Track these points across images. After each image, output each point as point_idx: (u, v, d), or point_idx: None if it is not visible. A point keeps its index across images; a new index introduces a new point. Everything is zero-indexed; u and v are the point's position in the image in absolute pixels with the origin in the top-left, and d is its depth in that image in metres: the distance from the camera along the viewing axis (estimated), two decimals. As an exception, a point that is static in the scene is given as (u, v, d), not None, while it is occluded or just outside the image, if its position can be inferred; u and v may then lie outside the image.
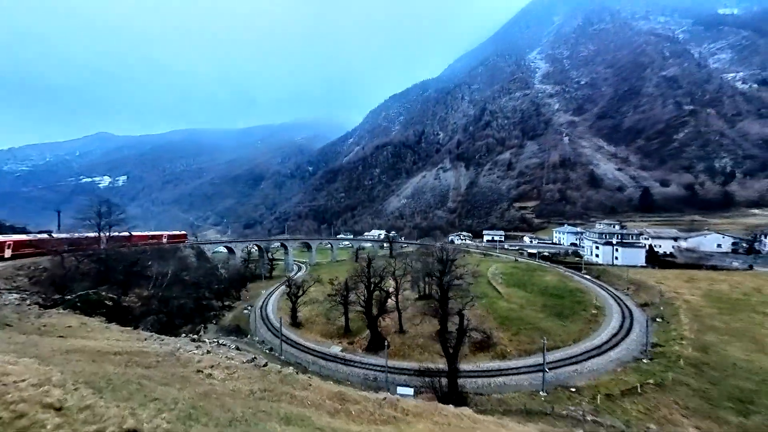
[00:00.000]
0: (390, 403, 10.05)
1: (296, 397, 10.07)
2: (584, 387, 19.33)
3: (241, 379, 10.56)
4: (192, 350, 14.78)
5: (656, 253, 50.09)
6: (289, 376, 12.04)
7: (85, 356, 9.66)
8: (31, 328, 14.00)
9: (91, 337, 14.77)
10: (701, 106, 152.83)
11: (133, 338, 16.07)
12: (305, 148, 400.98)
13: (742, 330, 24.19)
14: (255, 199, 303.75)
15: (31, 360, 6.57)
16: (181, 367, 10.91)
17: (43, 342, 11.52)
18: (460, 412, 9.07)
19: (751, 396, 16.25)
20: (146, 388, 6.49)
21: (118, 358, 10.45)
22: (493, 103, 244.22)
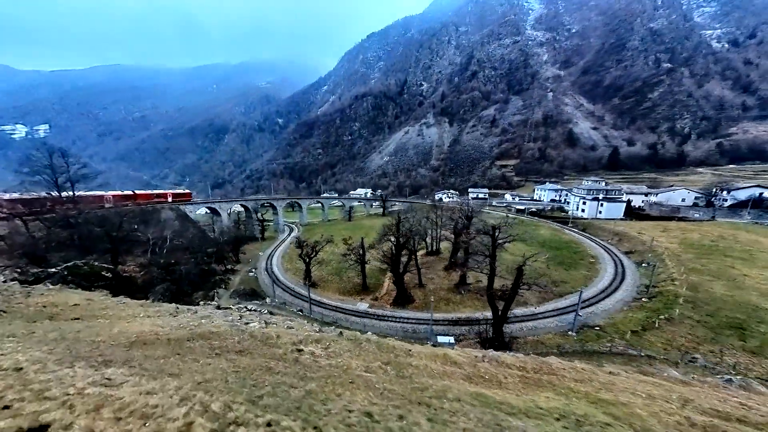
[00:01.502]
0: (537, 365, 9.51)
1: (422, 368, 9.05)
2: (605, 325, 21.65)
3: (345, 355, 9.17)
4: (248, 321, 12.90)
5: (633, 207, 55.15)
6: (383, 344, 10.94)
7: (153, 348, 7.35)
8: (30, 312, 10.81)
9: (113, 316, 11.99)
10: (678, 64, 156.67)
11: (164, 313, 13.53)
12: (272, 96, 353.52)
13: (717, 271, 28.17)
14: (220, 156, 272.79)
15: (105, 367, 4.31)
16: (269, 347, 9.09)
17: (65, 331, 8.70)
18: (591, 368, 9.09)
19: (743, 324, 19.34)
20: (281, 387, 4.72)
21: (196, 344, 8.27)
22: (481, 50, 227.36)
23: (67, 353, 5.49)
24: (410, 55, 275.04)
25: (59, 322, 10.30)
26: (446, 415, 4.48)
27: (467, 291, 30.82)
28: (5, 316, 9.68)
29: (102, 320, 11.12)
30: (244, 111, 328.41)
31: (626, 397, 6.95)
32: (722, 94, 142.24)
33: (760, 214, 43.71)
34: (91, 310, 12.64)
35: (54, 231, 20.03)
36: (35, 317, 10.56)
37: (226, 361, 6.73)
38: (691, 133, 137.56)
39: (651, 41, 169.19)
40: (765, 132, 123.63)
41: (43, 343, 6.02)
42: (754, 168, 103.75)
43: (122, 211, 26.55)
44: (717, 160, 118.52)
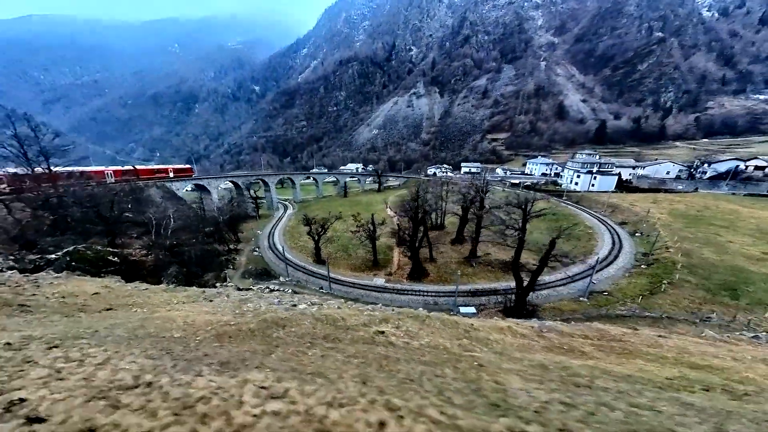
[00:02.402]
0: (595, 332, 9.67)
1: (505, 343, 8.96)
2: (613, 290, 23.23)
3: (422, 333, 8.86)
4: (294, 303, 12.22)
5: (622, 179, 57.52)
6: (445, 320, 10.78)
7: (242, 341, 6.58)
8: (55, 305, 9.48)
9: (146, 304, 10.86)
10: (669, 34, 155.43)
11: (197, 298, 12.49)
12: (245, 59, 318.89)
13: (705, 238, 30.53)
14: (192, 128, 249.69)
15: (229, 369, 3.57)
16: (345, 330, 8.59)
17: (125, 325, 7.67)
18: (644, 332, 9.50)
19: (735, 285, 21.39)
20: (435, 379, 4.26)
21: (280, 333, 7.58)
22: (474, 11, 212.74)
23: (165, 354, 4.53)
24: (398, 15, 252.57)
25: (95, 314, 9.10)
26: (638, 400, 4.21)
27: (478, 263, 31.72)
28: (35, 312, 8.35)
29: (137, 309, 10.00)
30: (215, 76, 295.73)
31: (718, 360, 7.27)
32: (705, 67, 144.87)
33: (735, 185, 47.25)
34: (116, 299, 11.35)
35: (41, 213, 17.46)
36: (66, 311, 9.26)
37: (335, 352, 6.08)
38: (672, 107, 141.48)
39: (647, 7, 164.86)
40: (738, 106, 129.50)
41: (122, 343, 4.99)
42: (726, 142, 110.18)
43: (110, 189, 23.64)
44: (694, 134, 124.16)
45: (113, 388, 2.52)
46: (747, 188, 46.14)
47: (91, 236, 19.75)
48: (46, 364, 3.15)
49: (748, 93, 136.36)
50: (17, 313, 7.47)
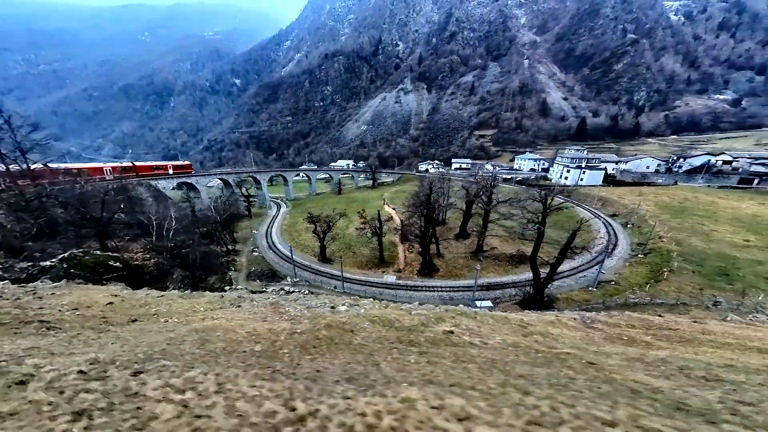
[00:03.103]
0: (640, 322, 9.80)
1: (571, 337, 8.85)
2: (618, 279, 24.28)
3: (483, 331, 8.61)
4: (333, 305, 11.57)
5: (608, 174, 60.49)
6: (496, 316, 10.60)
7: (331, 353, 6.01)
8: (74, 318, 8.29)
9: (172, 313, 9.89)
10: (641, 35, 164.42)
11: (223, 304, 11.55)
12: (223, 51, 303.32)
13: (691, 228, 32.68)
14: (168, 122, 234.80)
15: (364, 388, 3.21)
16: (413, 332, 8.16)
17: (176, 343, 6.83)
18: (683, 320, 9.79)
19: (727, 271, 23.02)
20: (576, 384, 4.02)
21: (357, 341, 7.05)
22: (460, 8, 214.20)
23: (275, 373, 3.89)
24: (384, 9, 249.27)
25: (127, 328, 8.05)
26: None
27: (485, 258, 32.13)
28: (62, 329, 7.20)
29: (166, 319, 9.00)
30: (191, 68, 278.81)
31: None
32: (673, 68, 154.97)
33: (709, 179, 51.12)
34: (134, 308, 10.22)
35: (23, 216, 15.36)
36: (93, 325, 8.13)
37: (433, 357, 5.63)
38: (644, 105, 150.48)
39: (621, 9, 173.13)
40: (701, 105, 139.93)
41: (208, 362, 4.23)
42: (692, 138, 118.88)
43: (99, 187, 21.40)
44: (664, 131, 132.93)
45: (282, 424, 2.00)
46: (720, 181, 50.06)
47: (83, 240, 17.87)
48: (160, 398, 2.43)
49: (710, 93, 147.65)
50: (43, 331, 6.33)
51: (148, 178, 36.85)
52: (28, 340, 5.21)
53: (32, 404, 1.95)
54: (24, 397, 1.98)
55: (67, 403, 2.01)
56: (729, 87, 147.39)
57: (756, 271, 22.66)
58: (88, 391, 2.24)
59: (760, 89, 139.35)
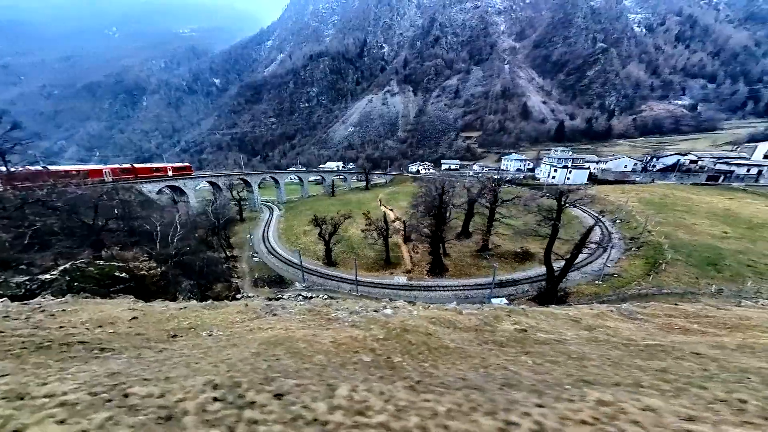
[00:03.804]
0: (671, 311, 10.26)
1: (622, 329, 9.07)
2: (620, 272, 25.61)
3: (543, 327, 8.63)
4: (376, 309, 11.18)
5: (591, 173, 64.14)
6: (546, 312, 10.73)
7: (449, 358, 5.72)
8: (116, 338, 7.36)
9: (208, 326, 9.11)
10: (610, 44, 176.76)
11: (259, 313, 10.85)
12: (200, 49, 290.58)
13: (675, 222, 35.26)
14: (141, 123, 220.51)
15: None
16: (480, 333, 8.00)
17: (323, 365, 6.18)
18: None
19: (714, 261, 24.99)
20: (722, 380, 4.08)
21: (471, 347, 6.75)
22: (443, 13, 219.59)
23: (416, 382, 3.60)
24: (368, 11, 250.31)
25: (172, 343, 7.29)
26: None
27: (491, 256, 32.78)
28: (113, 349, 6.33)
29: (210, 333, 8.31)
30: (165, 66, 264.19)
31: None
32: (638, 75, 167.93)
33: (681, 176, 55.71)
34: (161, 323, 9.35)
35: (11, 224, 13.50)
36: (137, 344, 7.27)
37: (538, 357, 5.51)
38: (615, 109, 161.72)
39: (591, 20, 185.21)
40: (663, 110, 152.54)
41: (318, 374, 3.86)
42: (657, 140, 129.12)
43: (88, 192, 19.40)
44: (632, 133, 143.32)
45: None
46: (690, 178, 54.70)
47: (75, 249, 16.16)
48: (350, 423, 2.08)
49: (671, 99, 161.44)
50: (96, 353, 5.58)
51: (147, 181, 35.21)
52: (96, 365, 4.46)
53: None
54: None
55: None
56: (686, 94, 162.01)
57: (739, 260, 24.80)
58: (268, 423, 1.74)
59: (712, 96, 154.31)
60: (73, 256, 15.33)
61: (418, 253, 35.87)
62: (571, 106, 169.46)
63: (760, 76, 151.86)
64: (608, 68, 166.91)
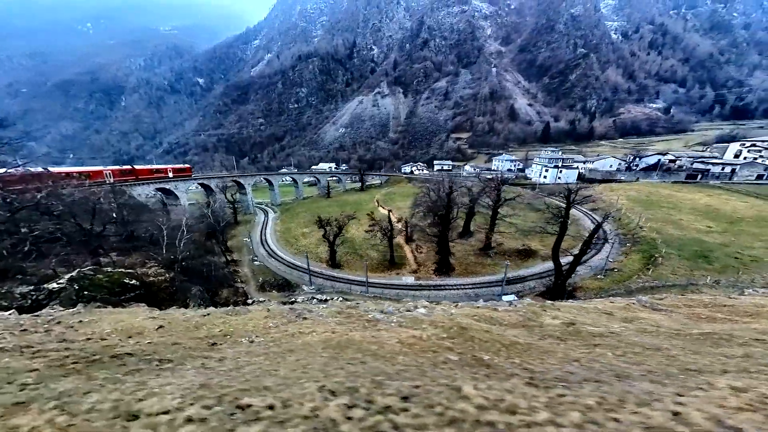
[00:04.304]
0: (692, 301, 10.77)
1: (658, 320, 9.38)
2: (620, 267, 26.68)
3: (586, 321, 8.84)
4: (408, 309, 11.10)
5: (580, 173, 66.76)
6: (576, 306, 10.96)
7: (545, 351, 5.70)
8: (149, 349, 6.85)
9: (246, 333, 8.77)
10: (590, 50, 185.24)
11: (288, 317, 10.54)
12: (183, 48, 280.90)
13: (663, 218, 37.18)
14: (119, 124, 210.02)
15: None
16: (534, 330, 8.10)
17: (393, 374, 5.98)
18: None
19: (704, 254, 26.52)
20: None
21: (544, 343, 6.76)
22: (431, 17, 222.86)
23: (539, 380, 3.59)
24: (357, 13, 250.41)
25: (218, 352, 6.92)
26: None
27: (494, 254, 33.35)
28: (169, 360, 5.89)
29: (252, 339, 7.97)
30: (145, 65, 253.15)
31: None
32: (616, 79, 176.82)
33: (663, 175, 59.06)
34: (189, 331, 8.91)
35: (9, 229, 12.35)
36: (183, 354, 6.83)
37: (639, 351, 5.59)
38: (596, 112, 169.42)
39: (572, 26, 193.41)
40: (640, 113, 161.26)
41: (409, 378, 3.79)
42: (635, 141, 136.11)
43: (85, 194, 18.10)
44: (612, 135, 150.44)
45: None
46: (671, 177, 58.07)
47: (71, 256, 15.11)
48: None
49: (646, 102, 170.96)
50: (156, 365, 5.23)
51: (148, 182, 34.00)
52: (171, 377, 4.17)
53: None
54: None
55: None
56: (660, 97, 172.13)
57: (726, 253, 26.46)
58: (428, 427, 1.58)
59: (683, 100, 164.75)
60: (70, 263, 14.34)
61: (422, 253, 35.99)
62: (555, 108, 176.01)
63: (724, 82, 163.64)
64: (589, 72, 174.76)
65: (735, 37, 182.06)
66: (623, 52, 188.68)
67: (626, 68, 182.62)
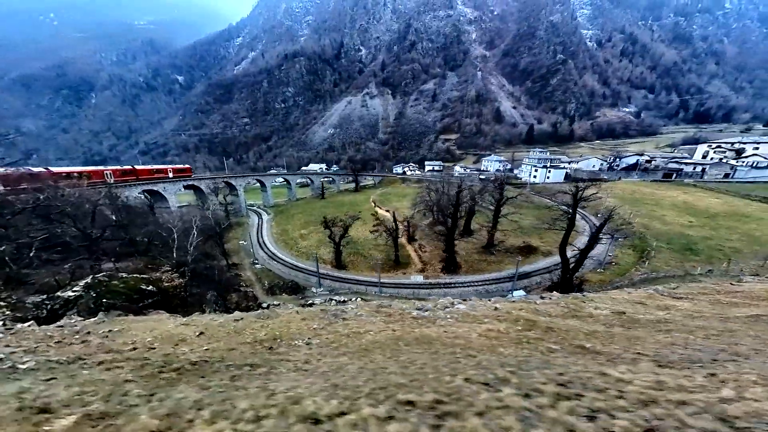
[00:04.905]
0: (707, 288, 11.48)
1: (687, 308, 9.86)
2: (618, 261, 28.08)
3: (647, 311, 9.22)
4: (447, 306, 11.16)
5: (567, 172, 69.93)
6: (605, 298, 11.39)
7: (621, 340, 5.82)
8: (219, 357, 6.40)
9: (296, 336, 8.53)
10: (568, 57, 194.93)
11: (328, 318, 10.31)
12: (160, 43, 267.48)
13: (648, 214, 39.61)
14: (89, 122, 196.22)
15: None
16: (587, 319, 8.33)
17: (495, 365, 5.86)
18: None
19: (690, 246, 28.51)
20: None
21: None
22: (418, 20, 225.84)
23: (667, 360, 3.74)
24: (344, 13, 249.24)
25: (285, 355, 6.66)
26: None
27: (497, 251, 34.12)
28: (261, 366, 5.49)
29: (308, 341, 7.73)
30: (118, 60, 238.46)
31: None
32: (593, 85, 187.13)
33: (642, 174, 63.10)
34: (230, 336, 8.56)
35: (10, 233, 11.03)
36: (257, 361, 6.48)
37: (705, 336, 5.86)
38: (575, 115, 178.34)
39: (551, 33, 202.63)
40: (614, 117, 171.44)
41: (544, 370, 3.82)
42: (612, 143, 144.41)
43: (85, 196, 16.56)
44: (591, 137, 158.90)
45: None
46: (649, 176, 62.15)
47: (66, 261, 13.90)
48: None
49: (620, 107, 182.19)
50: (260, 371, 5.00)
51: (148, 183, 32.30)
52: (286, 382, 3.94)
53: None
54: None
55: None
56: (632, 102, 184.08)
57: (709, 245, 28.59)
58: (623, 407, 1.59)
59: (652, 104, 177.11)
60: (74, 270, 13.22)
61: (426, 252, 36.18)
62: (538, 111, 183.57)
63: (687, 88, 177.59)
64: (568, 78, 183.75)
65: (695, 48, 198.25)
66: (598, 59, 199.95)
67: (601, 74, 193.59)
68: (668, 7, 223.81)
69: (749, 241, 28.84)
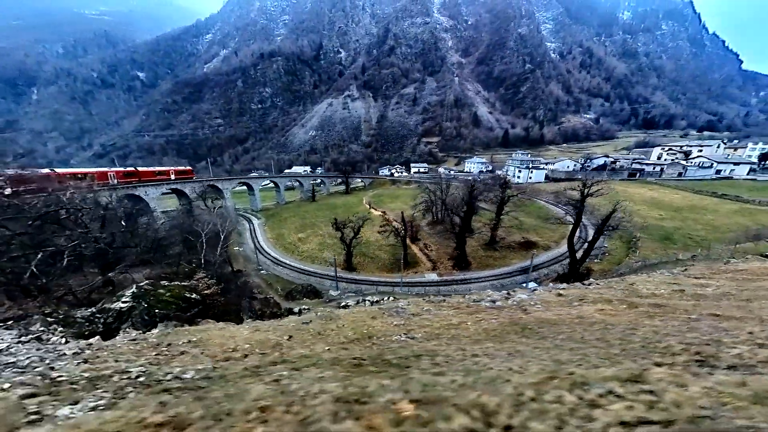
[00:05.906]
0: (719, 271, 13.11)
1: (712, 291, 11.15)
2: (611, 251, 30.72)
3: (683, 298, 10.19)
4: (506, 297, 11.66)
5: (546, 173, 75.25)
6: (626, 288, 12.51)
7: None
8: (405, 364, 6.17)
9: (370, 335, 8.62)
10: (535, 67, 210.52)
11: (379, 315, 10.37)
12: (117, 36, 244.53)
13: (624, 209, 43.74)
14: (31, 121, 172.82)
15: None
16: (621, 305, 9.17)
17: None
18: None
19: (667, 236, 32.08)
20: None
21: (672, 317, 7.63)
22: (396, 25, 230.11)
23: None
24: (322, 14, 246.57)
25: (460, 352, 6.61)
26: None
27: (501, 247, 35.66)
28: (448, 363, 5.33)
29: (407, 338, 7.78)
30: (65, 52, 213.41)
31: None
32: (558, 93, 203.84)
33: (610, 173, 69.96)
34: (323, 337, 8.39)
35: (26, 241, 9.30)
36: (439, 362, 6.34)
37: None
38: (544, 120, 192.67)
39: (520, 44, 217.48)
40: (577, 122, 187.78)
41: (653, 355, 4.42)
42: (576, 146, 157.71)
43: (93, 199, 14.47)
44: (558, 141, 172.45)
45: None
46: (617, 175, 68.97)
47: (77, 269, 12.31)
48: None
49: (581, 113, 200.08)
50: (450, 362, 5.09)
51: (151, 185, 29.52)
52: (498, 364, 4.05)
53: None
54: None
55: None
56: (591, 109, 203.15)
57: (682, 234, 32.43)
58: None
59: (608, 112, 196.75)
60: (92, 279, 11.82)
61: (432, 251, 36.77)
62: (512, 116, 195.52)
63: (636, 98, 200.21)
64: (536, 86, 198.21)
65: (640, 63, 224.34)
66: (561, 69, 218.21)
67: (565, 83, 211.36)
68: (617, 25, 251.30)
69: (712, 229, 33.18)
